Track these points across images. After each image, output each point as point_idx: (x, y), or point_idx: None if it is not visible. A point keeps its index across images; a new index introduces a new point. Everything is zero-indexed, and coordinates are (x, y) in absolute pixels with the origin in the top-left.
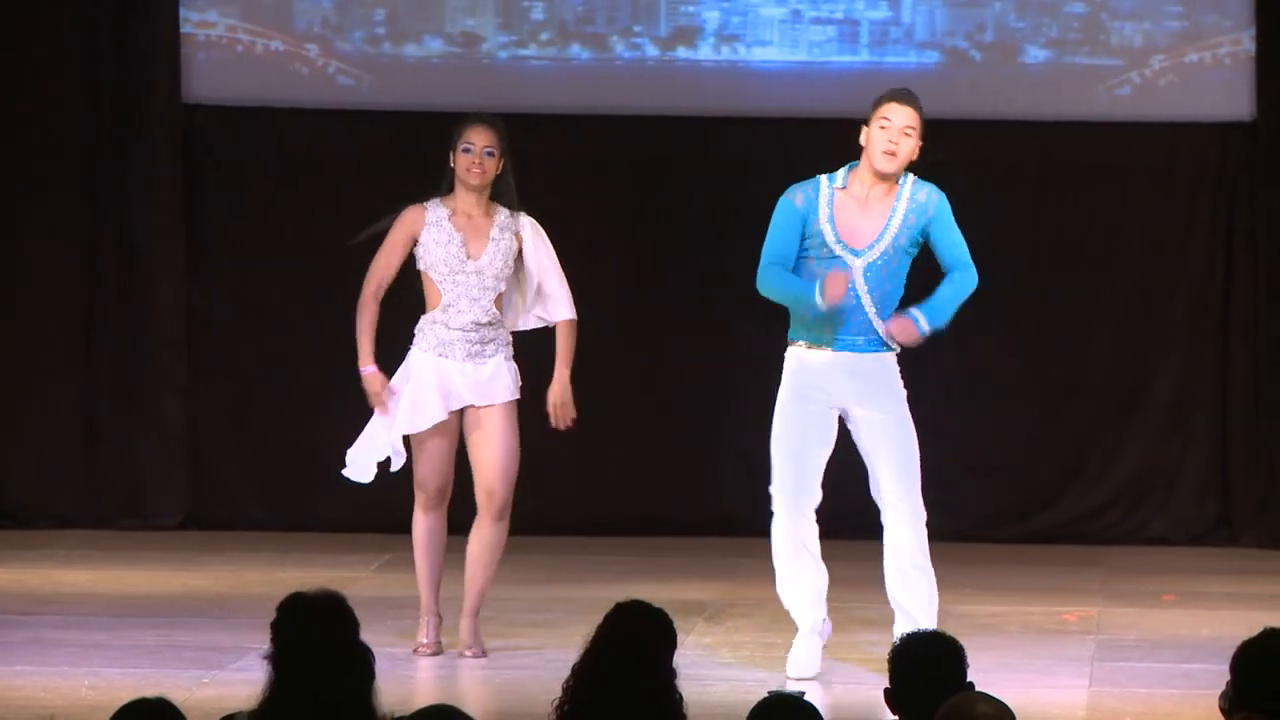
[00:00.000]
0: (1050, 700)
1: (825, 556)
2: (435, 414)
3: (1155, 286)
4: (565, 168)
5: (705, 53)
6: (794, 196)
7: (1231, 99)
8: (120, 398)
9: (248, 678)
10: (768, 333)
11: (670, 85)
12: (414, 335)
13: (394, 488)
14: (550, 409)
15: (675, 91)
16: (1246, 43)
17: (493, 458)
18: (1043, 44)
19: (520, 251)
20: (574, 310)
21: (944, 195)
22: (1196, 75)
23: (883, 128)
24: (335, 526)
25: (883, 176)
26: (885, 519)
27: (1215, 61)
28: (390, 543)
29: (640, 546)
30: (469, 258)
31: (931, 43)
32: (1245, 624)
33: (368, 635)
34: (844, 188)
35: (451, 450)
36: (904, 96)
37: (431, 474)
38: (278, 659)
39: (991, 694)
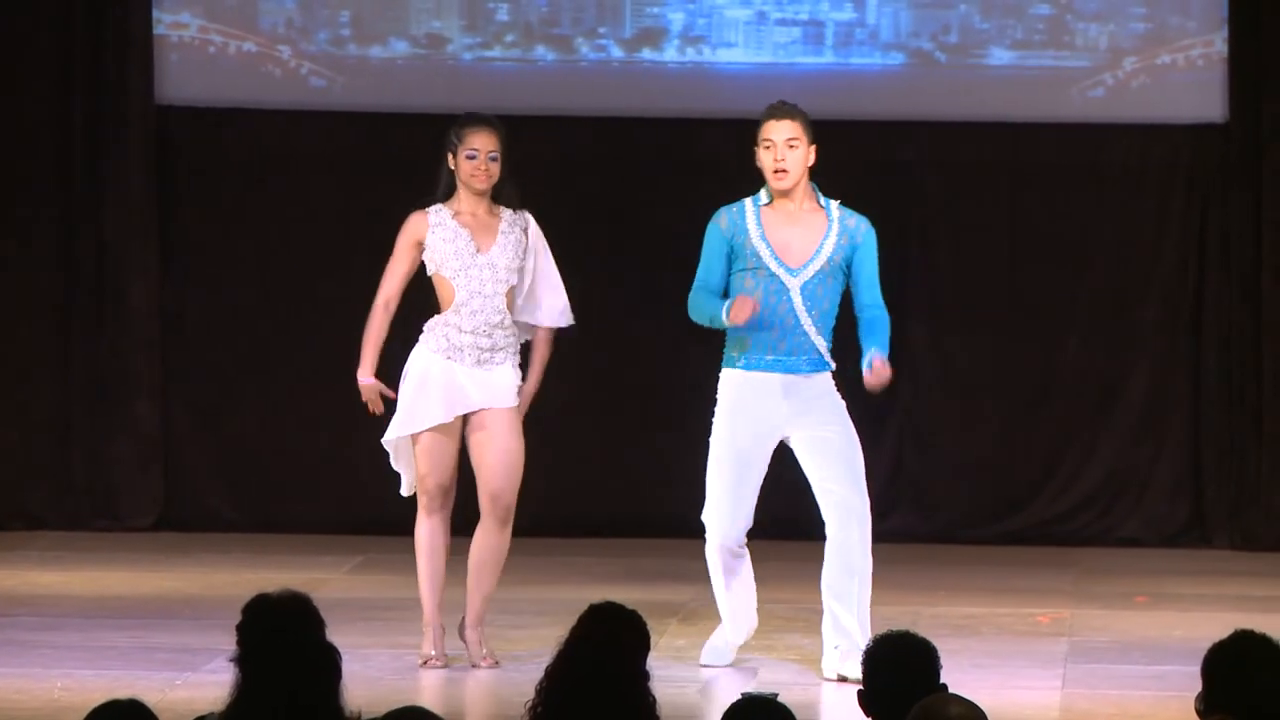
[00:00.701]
0: (1023, 702)
1: (792, 557)
2: (435, 416)
3: (1128, 288)
4: (530, 169)
5: (670, 54)
6: (719, 220)
7: (1204, 101)
8: (93, 399)
9: (220, 679)
10: None
11: (635, 87)
12: (420, 333)
13: (367, 490)
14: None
15: (640, 93)
16: (1219, 44)
17: (495, 461)
18: (1008, 45)
19: (527, 248)
20: (569, 317)
21: (872, 229)
22: (1169, 77)
23: (767, 148)
24: (308, 528)
25: (787, 194)
26: (833, 524)
27: (1188, 63)
28: (363, 544)
29: (614, 548)
30: (479, 251)
31: (896, 44)
32: (1218, 625)
33: (340, 636)
34: (769, 203)
35: (453, 450)
36: (779, 111)
37: (430, 471)
38: (244, 661)
39: (964, 695)
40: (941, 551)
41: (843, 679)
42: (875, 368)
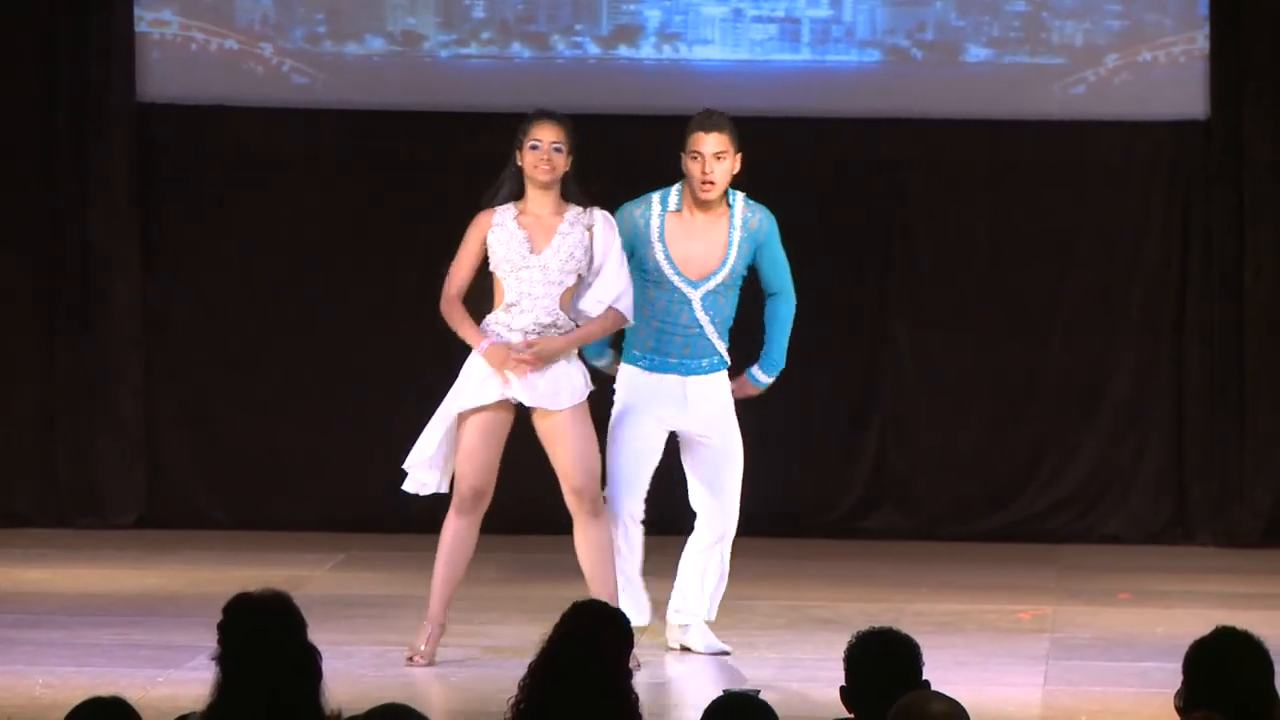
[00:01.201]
0: (1005, 698)
1: (784, 555)
2: (494, 392)
3: (1111, 285)
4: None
5: (647, 51)
6: (623, 219)
7: (1186, 97)
8: (77, 397)
9: (202, 677)
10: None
11: (612, 84)
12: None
13: (350, 487)
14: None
15: (617, 90)
16: (1200, 41)
17: (568, 459)
18: (984, 42)
19: (591, 244)
20: (629, 310)
21: (773, 219)
22: (1150, 74)
23: (694, 159)
24: (291, 525)
25: (708, 205)
26: (700, 525)
27: (1169, 60)
28: (346, 541)
29: None
30: (533, 252)
31: (873, 41)
32: (1200, 622)
33: (322, 633)
34: (677, 210)
35: (494, 452)
36: (707, 123)
37: (469, 471)
38: (225, 659)
39: (946, 692)
40: (924, 548)
41: (685, 649)
42: (735, 388)
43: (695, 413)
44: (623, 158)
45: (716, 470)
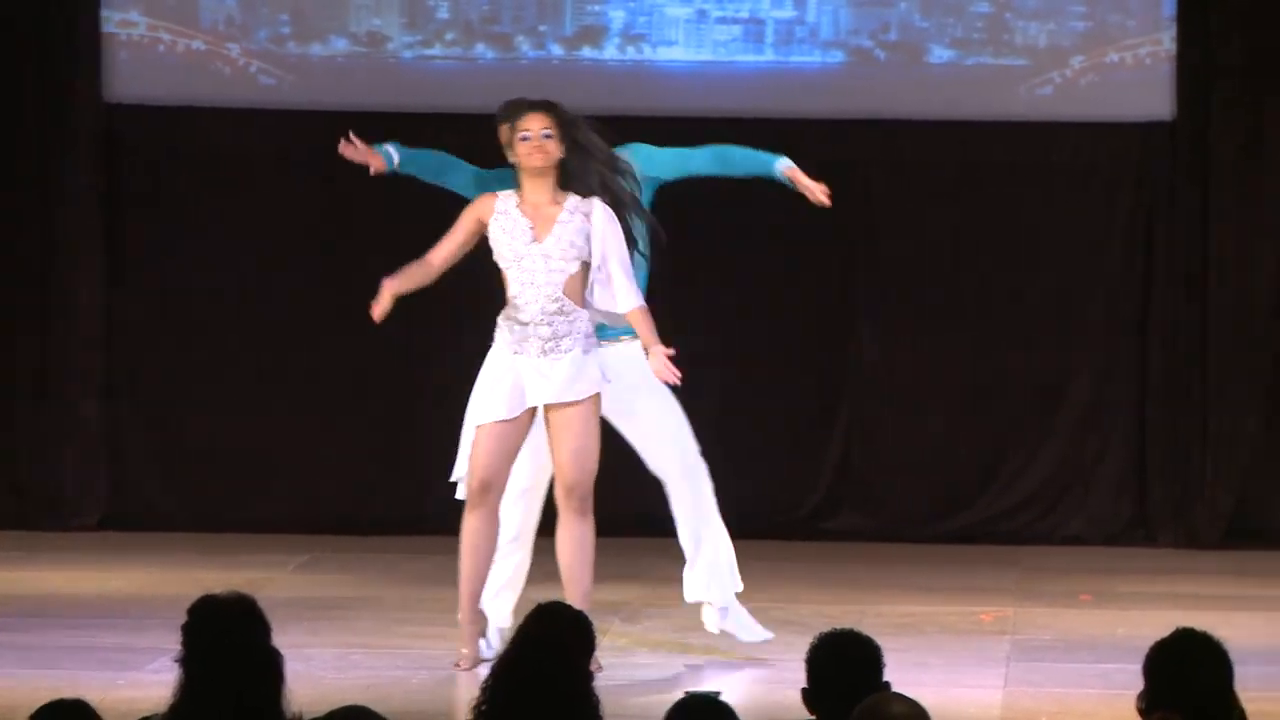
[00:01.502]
0: (966, 700)
1: (746, 556)
2: (497, 412)
3: (1074, 286)
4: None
5: (611, 52)
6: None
7: (1152, 99)
8: (38, 398)
9: (164, 679)
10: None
11: (576, 85)
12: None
13: (313, 489)
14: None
15: (581, 91)
16: (1167, 43)
17: (567, 453)
18: (948, 43)
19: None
20: (639, 298)
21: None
22: (1117, 75)
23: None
24: (254, 527)
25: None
26: (671, 487)
27: (1136, 62)
28: (309, 543)
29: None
30: (535, 240)
31: (836, 42)
32: (1161, 624)
33: (285, 635)
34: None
35: (509, 449)
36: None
37: (480, 466)
38: (188, 662)
39: (907, 694)
40: (885, 550)
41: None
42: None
43: (618, 381)
44: None
45: (658, 425)
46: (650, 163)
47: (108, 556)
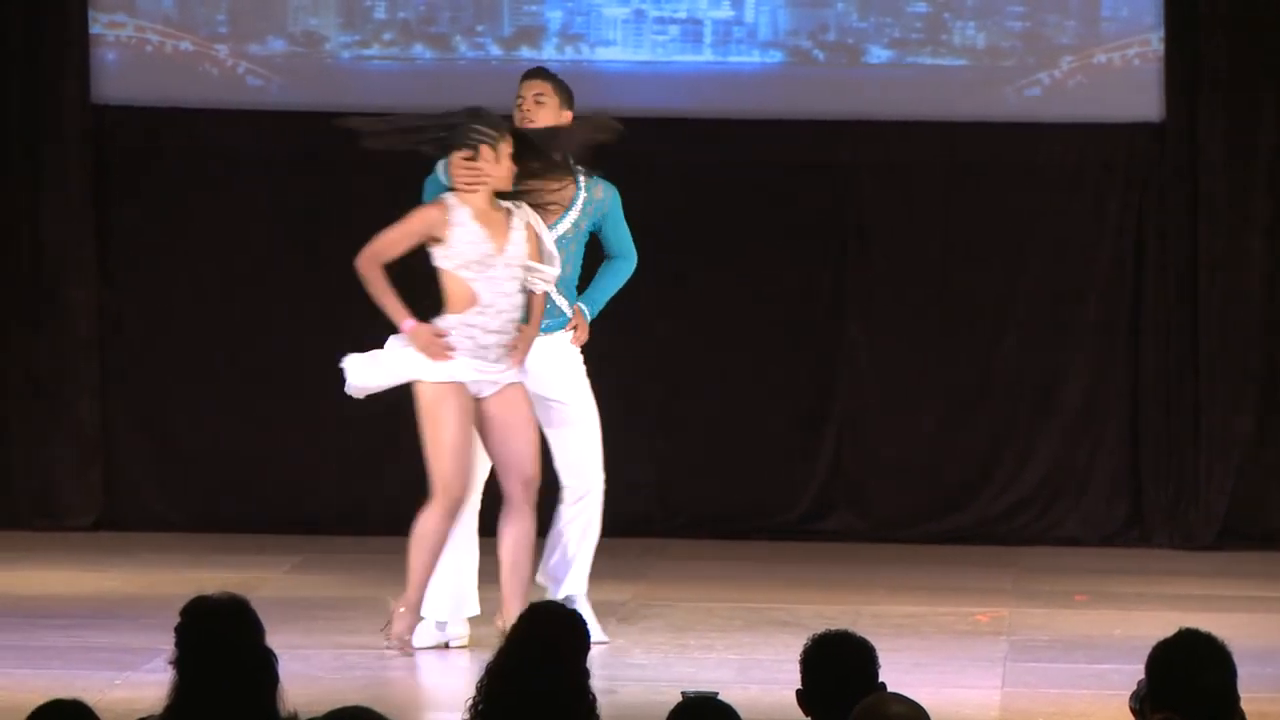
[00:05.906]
0: (963, 700)
1: (740, 557)
2: (459, 372)
3: (1065, 287)
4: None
5: (549, 53)
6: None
7: (1141, 99)
8: (32, 399)
9: (160, 679)
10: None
11: (514, 85)
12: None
13: (306, 490)
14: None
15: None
16: (1155, 44)
17: (523, 443)
18: (886, 44)
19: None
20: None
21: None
22: (1105, 76)
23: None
24: (248, 527)
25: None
26: (567, 486)
27: (1124, 62)
28: (302, 544)
29: None
30: (497, 252)
31: (775, 42)
32: (1157, 624)
33: (279, 636)
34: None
35: (473, 459)
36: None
37: (458, 474)
38: (182, 662)
39: (904, 695)
40: (881, 551)
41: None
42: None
43: (543, 374)
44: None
45: (572, 428)
46: (609, 216)
47: (102, 557)
